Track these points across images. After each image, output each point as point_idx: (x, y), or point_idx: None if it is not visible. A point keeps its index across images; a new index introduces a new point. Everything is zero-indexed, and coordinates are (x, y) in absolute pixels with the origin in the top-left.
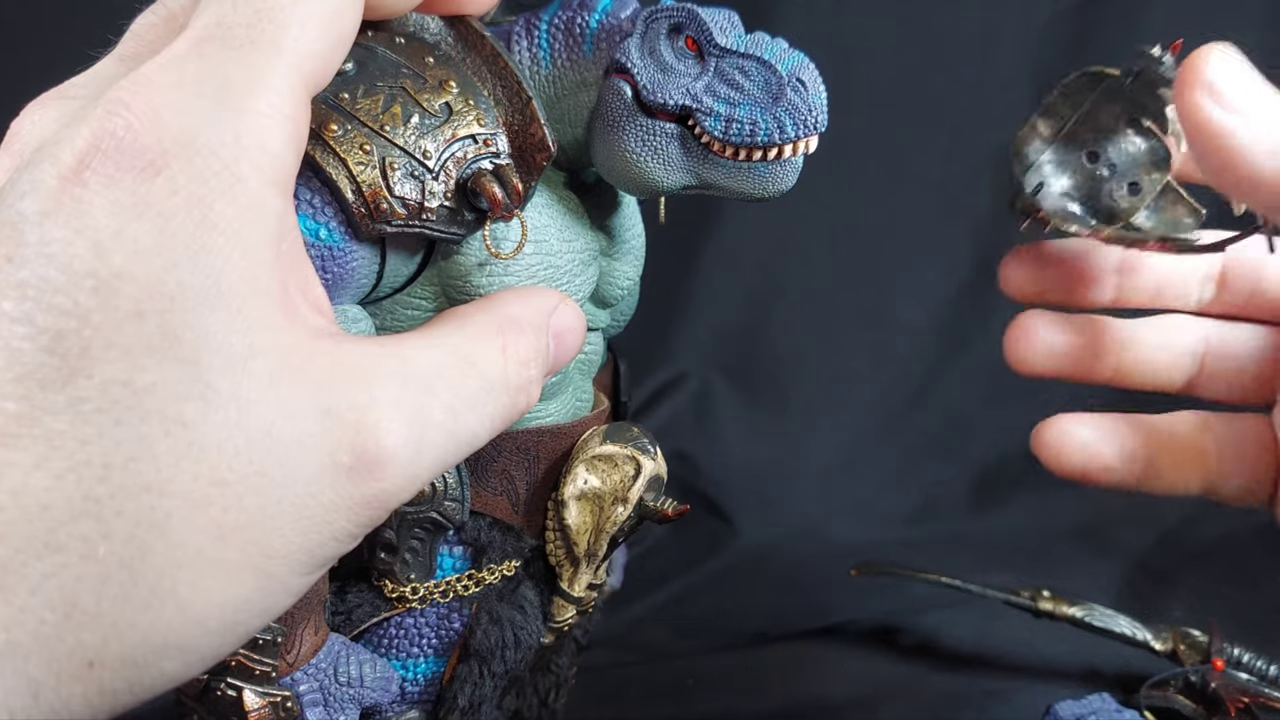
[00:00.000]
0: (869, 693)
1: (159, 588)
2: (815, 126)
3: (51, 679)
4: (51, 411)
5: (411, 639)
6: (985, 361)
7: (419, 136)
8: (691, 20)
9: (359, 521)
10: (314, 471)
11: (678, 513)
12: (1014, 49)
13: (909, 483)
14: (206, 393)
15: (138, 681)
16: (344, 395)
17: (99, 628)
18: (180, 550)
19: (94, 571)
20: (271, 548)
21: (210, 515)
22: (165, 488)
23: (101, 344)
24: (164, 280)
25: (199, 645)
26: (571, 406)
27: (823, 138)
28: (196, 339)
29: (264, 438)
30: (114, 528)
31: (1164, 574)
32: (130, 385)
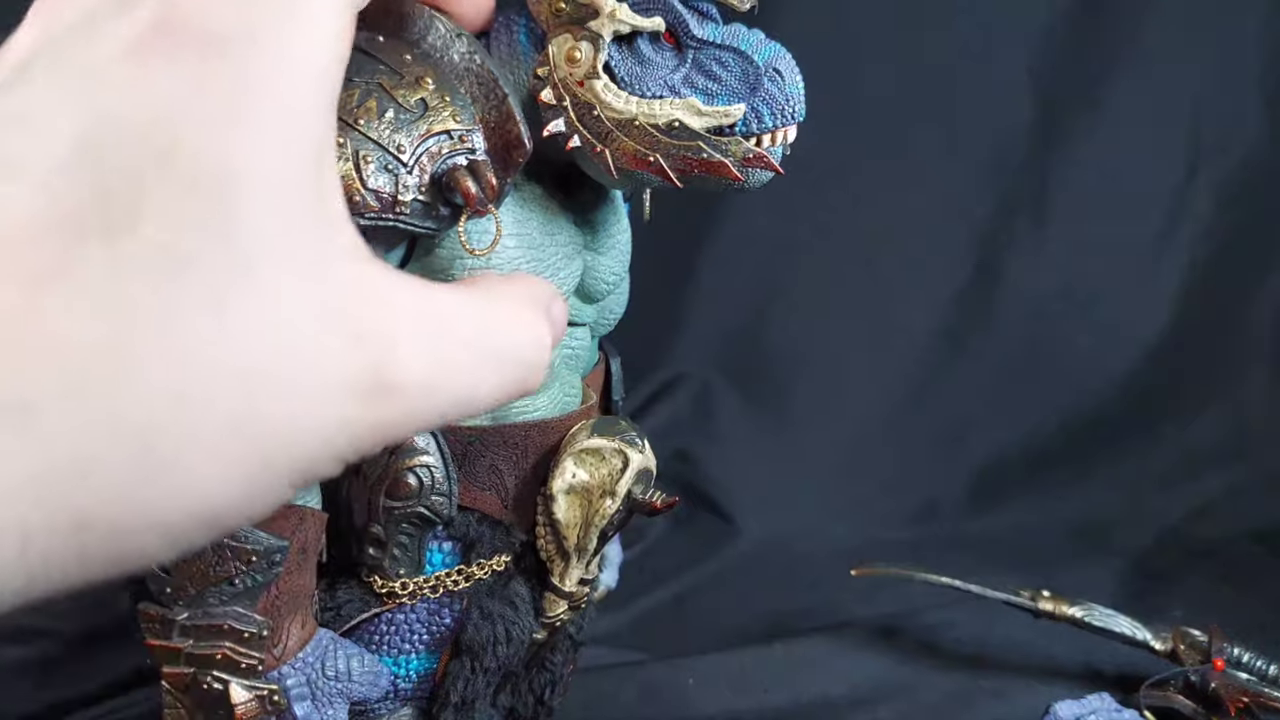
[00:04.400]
0: (869, 693)
1: (165, 463)
2: (793, 116)
3: (44, 533)
4: (89, 263)
5: (403, 635)
6: (985, 361)
7: (393, 131)
8: (669, 12)
9: (357, 446)
10: (333, 384)
11: (666, 505)
12: (1014, 49)
13: (909, 483)
14: (248, 279)
15: (117, 554)
16: (375, 319)
17: (103, 489)
18: (192, 431)
19: (111, 431)
20: (274, 450)
21: (228, 403)
22: (191, 363)
23: (152, 209)
24: (222, 159)
25: (183, 530)
26: (559, 401)
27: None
28: (247, 226)
29: (293, 337)
30: (138, 392)
31: (1164, 574)
32: (174, 255)
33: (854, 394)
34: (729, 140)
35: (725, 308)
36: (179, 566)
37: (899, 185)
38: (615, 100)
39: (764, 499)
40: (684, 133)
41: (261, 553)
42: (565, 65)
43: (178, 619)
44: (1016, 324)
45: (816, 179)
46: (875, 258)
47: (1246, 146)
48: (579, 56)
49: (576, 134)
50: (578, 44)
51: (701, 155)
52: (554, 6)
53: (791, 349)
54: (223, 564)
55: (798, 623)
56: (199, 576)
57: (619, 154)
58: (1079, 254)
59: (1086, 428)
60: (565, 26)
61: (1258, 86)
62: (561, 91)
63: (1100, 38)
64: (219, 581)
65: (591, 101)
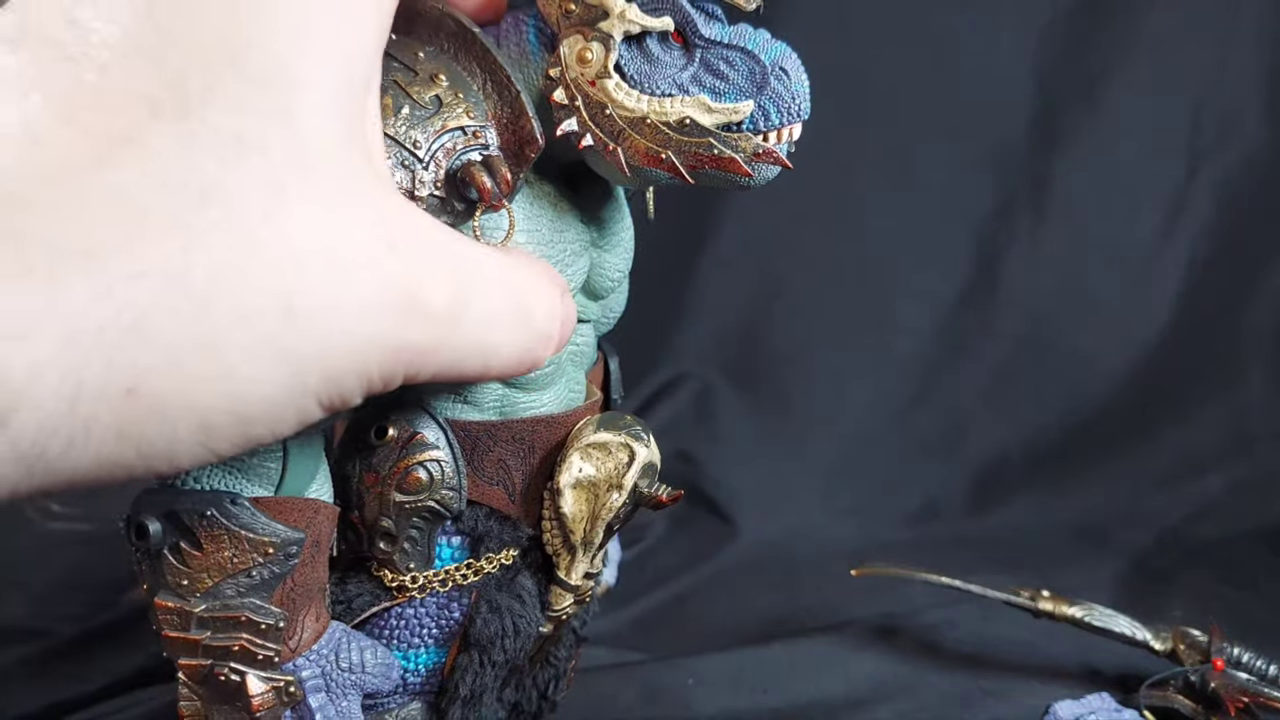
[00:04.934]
0: (869, 692)
1: (217, 337)
2: (799, 114)
3: (94, 391)
4: (161, 136)
5: (412, 629)
6: (985, 361)
7: (409, 127)
8: (677, 12)
9: (383, 369)
10: (370, 289)
11: (672, 498)
12: (1014, 49)
13: (909, 483)
14: (307, 173)
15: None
16: (413, 238)
17: (153, 352)
18: (247, 310)
19: (171, 292)
20: (314, 353)
21: (283, 288)
22: (254, 239)
23: (223, 97)
24: (291, 63)
25: (216, 425)
26: (565, 397)
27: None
28: (310, 127)
29: (342, 240)
30: (199, 258)
31: (1164, 574)
32: (241, 140)
33: (854, 394)
34: (739, 136)
35: (725, 308)
36: (196, 558)
37: (899, 185)
38: (627, 99)
39: (764, 499)
40: (695, 129)
41: (278, 544)
42: (576, 65)
43: (195, 610)
44: (1016, 324)
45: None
46: (875, 258)
47: (1246, 146)
48: (590, 57)
49: (589, 133)
50: (589, 44)
51: (713, 151)
52: (564, 7)
53: (791, 349)
54: (240, 555)
55: (797, 623)
56: (216, 568)
57: (631, 152)
58: (1079, 254)
59: (1086, 428)
60: (576, 27)
61: (1258, 86)
62: (573, 91)
63: (1101, 37)
64: (236, 573)
65: (603, 101)
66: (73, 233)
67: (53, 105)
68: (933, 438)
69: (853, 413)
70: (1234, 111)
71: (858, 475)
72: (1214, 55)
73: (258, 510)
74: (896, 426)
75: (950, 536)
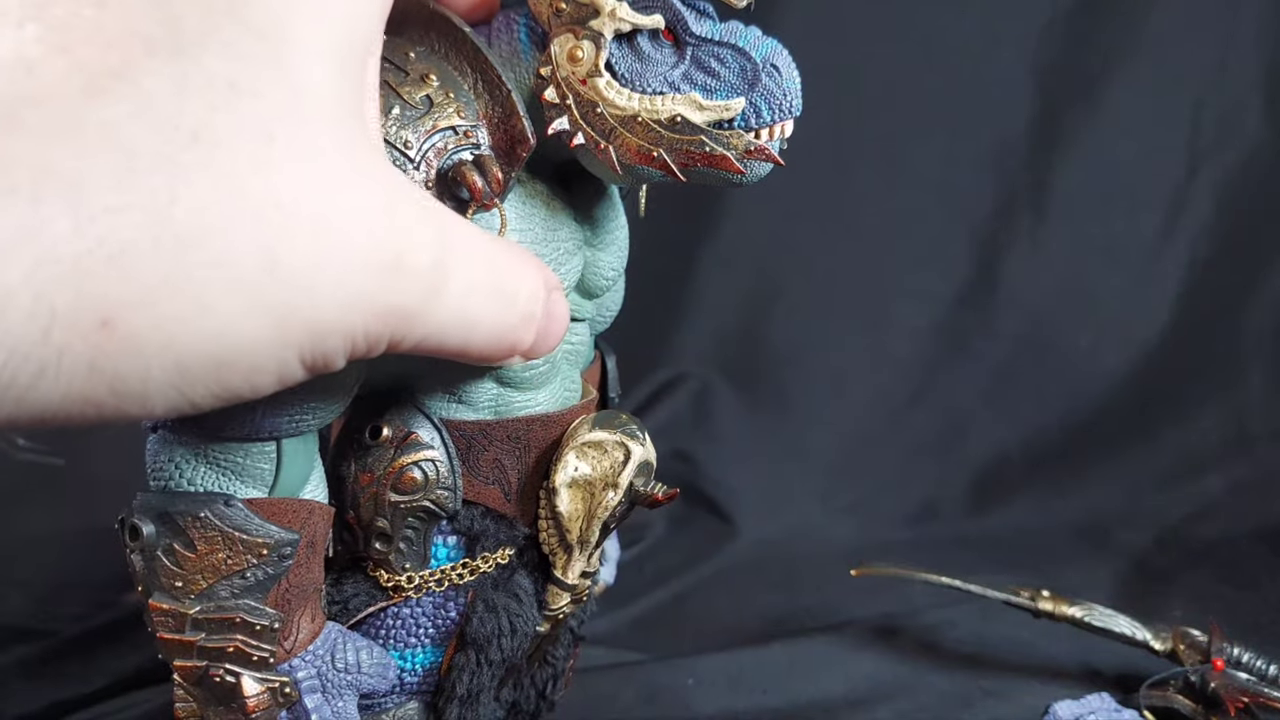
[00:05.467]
0: (869, 692)
1: (197, 277)
2: (790, 111)
3: (67, 319)
4: (154, 75)
5: (409, 629)
6: (985, 361)
7: (400, 127)
8: (668, 10)
9: (368, 331)
10: (356, 254)
11: (668, 496)
12: (1014, 49)
13: (909, 483)
14: (297, 124)
15: (122, 377)
16: (400, 206)
17: (130, 285)
18: (229, 253)
19: (152, 227)
20: (298, 305)
21: (267, 237)
22: (240, 184)
23: (219, 42)
24: (287, 17)
25: (191, 366)
26: (560, 396)
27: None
28: (303, 80)
29: (329, 193)
30: (184, 196)
31: (1164, 574)
32: (234, 85)
33: (854, 394)
34: (730, 134)
35: (725, 308)
36: (190, 560)
37: (899, 185)
38: (618, 97)
39: (763, 499)
40: (686, 127)
41: (272, 545)
42: (567, 64)
43: (190, 612)
44: (1016, 323)
45: (817, 179)
46: (874, 258)
47: (1246, 146)
48: (581, 55)
49: (580, 131)
50: (579, 43)
51: (704, 149)
52: (555, 6)
53: (791, 349)
54: (234, 557)
55: (797, 623)
56: (210, 570)
57: (623, 150)
58: (1079, 254)
59: (1086, 428)
60: (566, 26)
61: (1258, 86)
62: (564, 90)
63: (1101, 37)
64: (230, 574)
65: (594, 99)
66: (60, 159)
67: (48, 36)
68: (932, 438)
69: (852, 413)
70: (1234, 111)
71: (857, 475)
72: (1214, 55)
73: (252, 511)
74: (896, 426)
75: (950, 536)
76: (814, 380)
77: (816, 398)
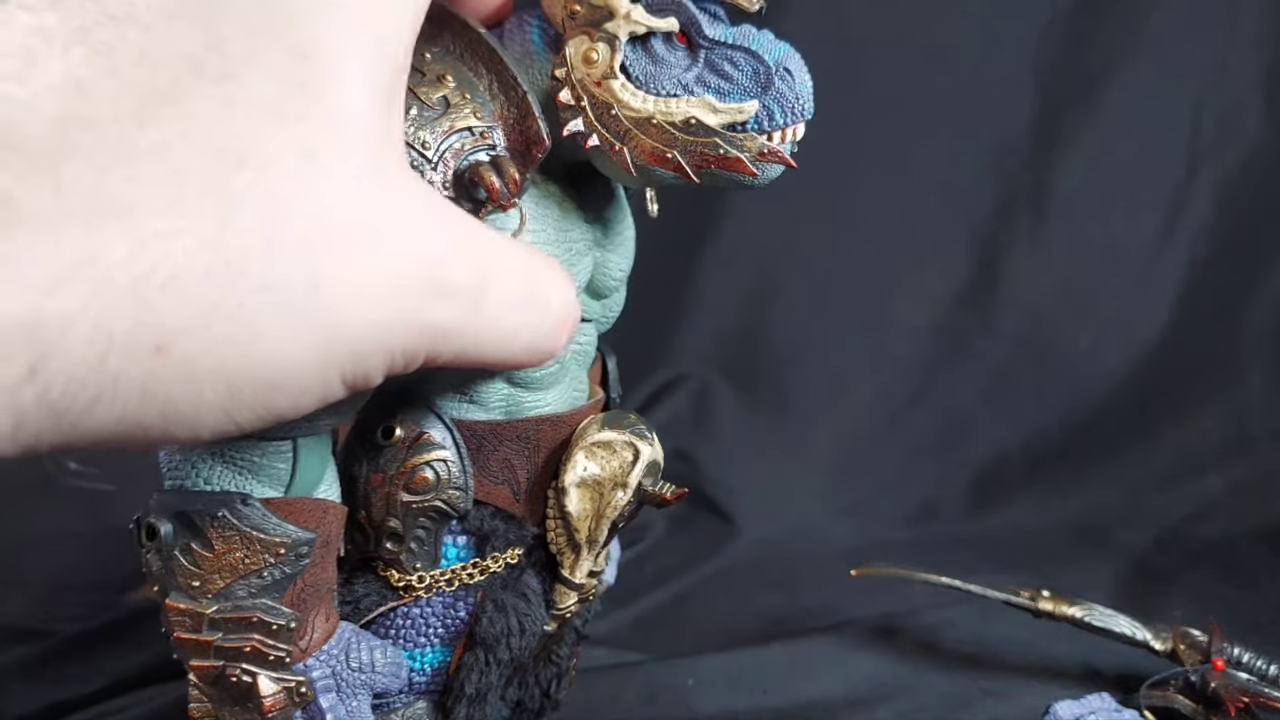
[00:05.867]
0: (869, 692)
1: (247, 303)
2: (803, 114)
3: (123, 345)
4: (201, 97)
5: (418, 629)
6: (985, 361)
7: (417, 128)
8: (682, 13)
9: (408, 347)
10: (395, 273)
11: (676, 496)
12: (1014, 49)
13: (909, 483)
14: (339, 147)
15: (174, 400)
16: (434, 222)
17: (183, 311)
18: (277, 277)
19: (204, 253)
20: (342, 326)
21: (312, 259)
22: (286, 208)
23: (263, 65)
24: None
25: (240, 388)
26: (569, 396)
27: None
28: (343, 101)
29: (370, 215)
30: (233, 220)
31: (1164, 574)
32: (280, 111)
33: (854, 394)
34: (744, 136)
35: (725, 308)
36: (208, 560)
37: (899, 185)
38: (632, 99)
39: (764, 499)
40: (701, 130)
41: (289, 545)
42: (582, 66)
43: (207, 612)
44: (1016, 323)
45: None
46: (875, 258)
47: (1246, 146)
48: (596, 58)
49: (595, 133)
50: (594, 45)
51: (718, 151)
52: (569, 9)
53: (791, 349)
54: (251, 556)
55: (797, 623)
56: (228, 569)
57: (637, 152)
58: (1079, 254)
59: (1086, 428)
60: (581, 28)
61: (1258, 86)
62: (579, 92)
63: (1101, 37)
64: (248, 574)
65: (609, 101)
66: (114, 184)
67: (96, 59)
68: (932, 438)
69: (852, 413)
70: (1234, 111)
71: (857, 475)
72: (1214, 55)
73: (269, 511)
74: (896, 426)
75: (950, 536)
76: (814, 380)
77: (816, 398)
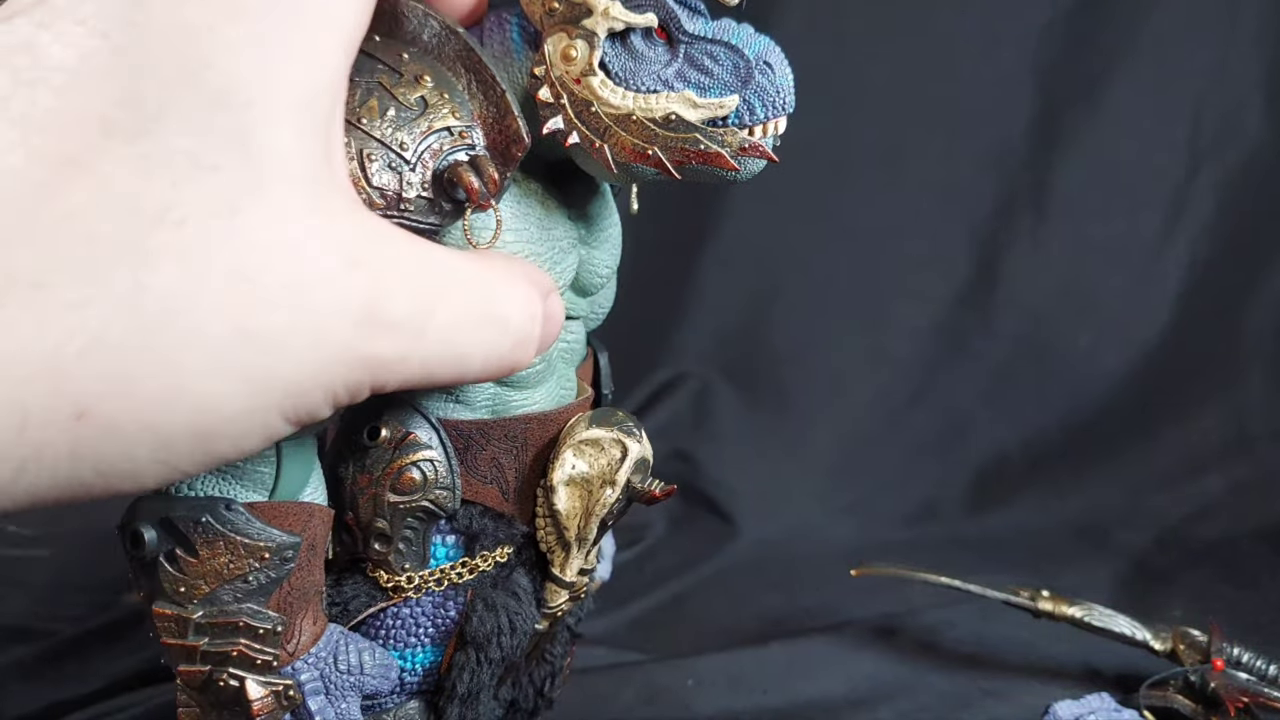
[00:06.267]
0: (869, 692)
1: (170, 359)
2: (783, 108)
3: (41, 413)
4: (113, 157)
5: (408, 629)
6: (985, 362)
7: (395, 129)
8: (661, 8)
9: (349, 381)
10: (329, 305)
11: (665, 493)
12: (1014, 49)
13: (909, 483)
14: (261, 193)
15: (107, 457)
16: (372, 254)
17: (103, 376)
18: (200, 332)
19: (120, 318)
20: (274, 370)
21: (233, 310)
22: (206, 263)
23: (178, 116)
24: (248, 83)
25: (175, 440)
26: (557, 394)
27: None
28: (266, 144)
29: (297, 257)
30: (150, 282)
31: (1164, 574)
32: (196, 162)
33: (854, 394)
34: (724, 131)
35: (725, 308)
36: (192, 565)
37: (899, 185)
38: (612, 96)
39: (764, 499)
40: (680, 125)
41: (274, 549)
42: (561, 63)
43: (193, 617)
44: (1016, 324)
45: (817, 179)
46: (875, 258)
47: (1247, 146)
48: (574, 54)
49: (575, 130)
50: (573, 42)
51: (699, 147)
52: (547, 6)
53: (791, 349)
54: (236, 561)
55: (797, 623)
56: (213, 575)
57: (617, 148)
58: (1079, 254)
59: (1086, 428)
60: (560, 26)
61: (1258, 86)
62: (559, 89)
63: (1101, 37)
64: (233, 579)
65: (589, 98)
66: (20, 261)
67: (6, 131)
68: (932, 438)
69: (852, 413)
70: (1234, 111)
71: (857, 475)
72: (1214, 55)
73: (253, 515)
74: (896, 426)
75: (950, 536)
76: (814, 380)
77: (816, 398)
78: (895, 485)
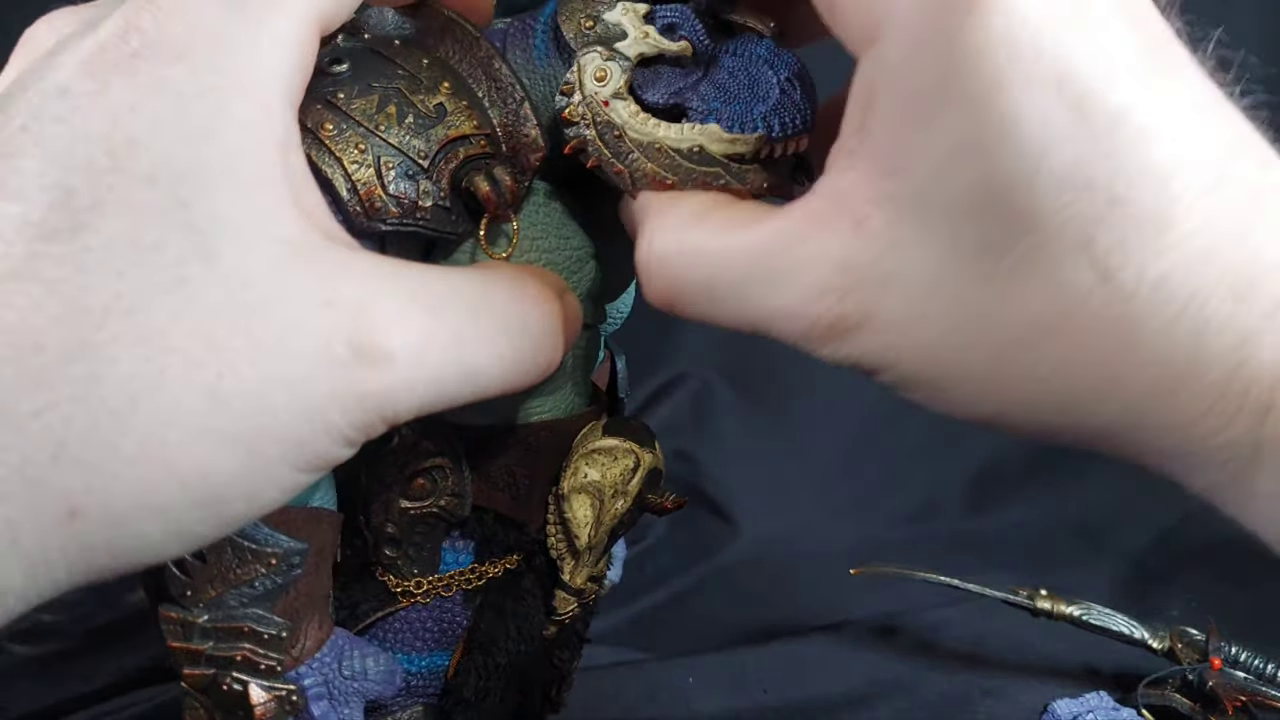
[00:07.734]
0: (869, 692)
1: (148, 441)
2: (805, 126)
3: (30, 523)
4: (52, 260)
5: (416, 633)
6: None
7: (413, 136)
8: (686, 21)
9: (354, 422)
10: (311, 358)
11: (676, 504)
12: None
13: (909, 483)
14: (211, 258)
15: (117, 542)
16: (347, 290)
17: (84, 473)
18: (172, 408)
19: (84, 415)
20: (263, 426)
21: (205, 377)
22: (162, 341)
23: (113, 203)
24: (178, 154)
25: (182, 513)
26: (570, 402)
27: None
28: (207, 210)
29: (263, 313)
30: (108, 373)
31: (1162, 573)
32: (137, 243)
33: (854, 394)
34: (749, 170)
35: None
36: (199, 570)
37: None
38: (639, 122)
39: (764, 499)
40: (705, 159)
41: (281, 555)
42: (592, 84)
43: (198, 621)
44: None
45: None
46: None
47: None
48: (606, 76)
49: (598, 152)
50: (605, 65)
51: (720, 181)
52: (582, 26)
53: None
54: (243, 567)
55: (797, 622)
56: (219, 580)
57: (638, 174)
58: None
59: None
60: (593, 46)
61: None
62: (586, 109)
63: None
64: (239, 584)
65: (614, 121)
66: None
67: None
68: (932, 438)
69: (852, 412)
70: None
71: (857, 475)
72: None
73: (260, 522)
74: (896, 426)
75: (949, 536)
76: (814, 380)
77: (816, 397)
78: (895, 485)
